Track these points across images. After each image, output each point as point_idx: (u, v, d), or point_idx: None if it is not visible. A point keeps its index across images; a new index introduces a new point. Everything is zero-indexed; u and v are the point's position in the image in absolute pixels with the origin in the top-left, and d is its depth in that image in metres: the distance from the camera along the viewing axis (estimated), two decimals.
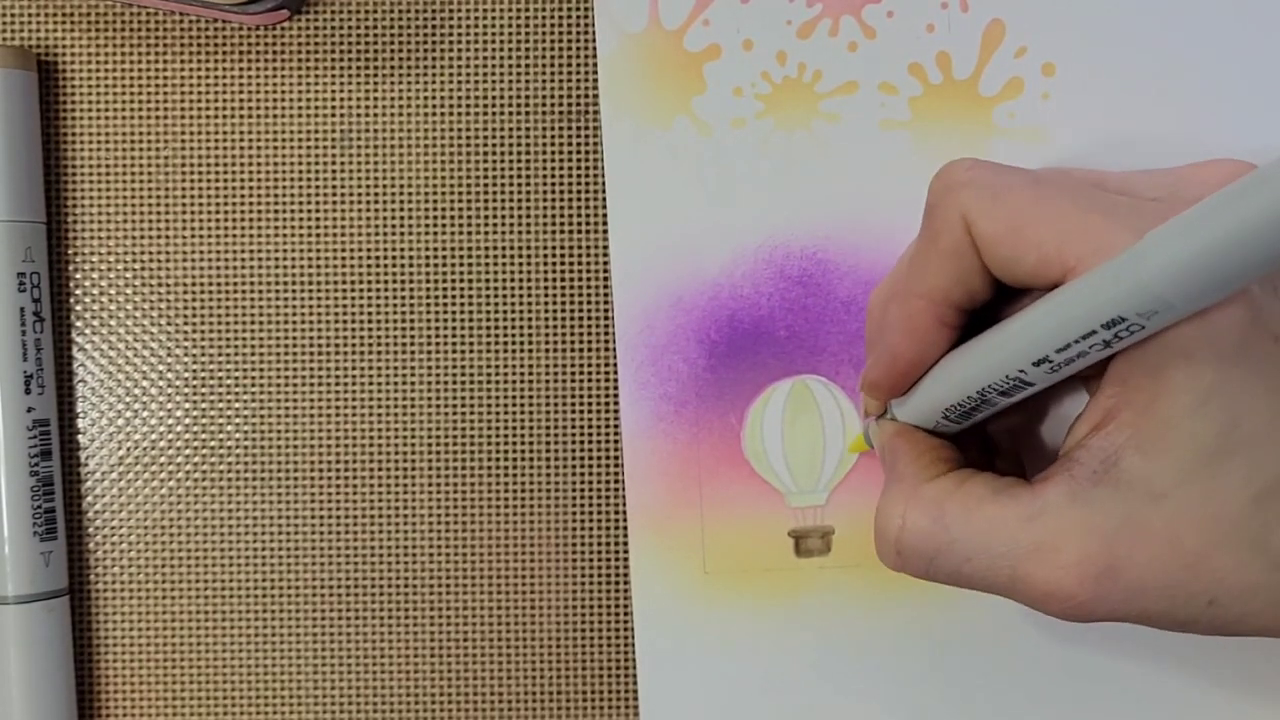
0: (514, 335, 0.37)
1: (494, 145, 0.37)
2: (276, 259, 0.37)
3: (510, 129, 0.37)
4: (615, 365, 0.37)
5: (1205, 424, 0.27)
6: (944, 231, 0.29)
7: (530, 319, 0.37)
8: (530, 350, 0.37)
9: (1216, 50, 0.37)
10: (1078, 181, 0.29)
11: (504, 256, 0.37)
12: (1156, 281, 0.24)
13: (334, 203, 0.37)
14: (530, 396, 0.37)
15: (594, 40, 0.37)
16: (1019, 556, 0.28)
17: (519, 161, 0.37)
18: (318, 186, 0.37)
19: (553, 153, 0.37)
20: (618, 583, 0.37)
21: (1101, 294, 0.25)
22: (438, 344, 0.37)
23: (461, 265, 0.37)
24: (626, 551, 0.37)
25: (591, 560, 0.37)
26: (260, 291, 0.37)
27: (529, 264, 0.37)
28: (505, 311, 0.37)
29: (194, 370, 0.37)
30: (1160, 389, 0.27)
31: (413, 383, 0.37)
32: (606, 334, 0.37)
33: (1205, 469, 0.27)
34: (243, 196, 0.37)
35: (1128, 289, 0.25)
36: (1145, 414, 0.27)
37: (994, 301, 0.31)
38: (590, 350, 0.37)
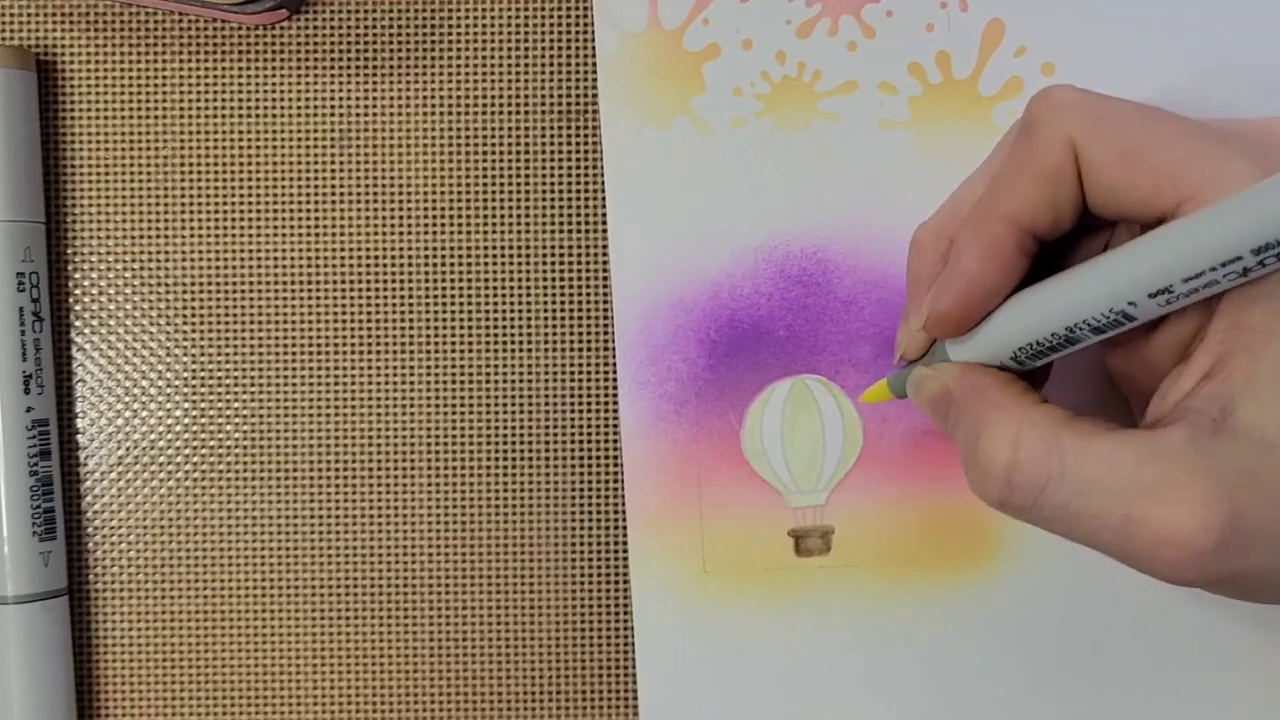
0: (514, 335, 0.37)
1: (494, 145, 0.37)
2: (276, 259, 0.37)
3: (510, 129, 0.37)
4: (615, 365, 0.37)
5: None
6: (1045, 152, 0.27)
7: (530, 319, 0.37)
8: (530, 350, 0.37)
9: (1217, 50, 0.37)
10: (1185, 117, 0.28)
11: (504, 256, 0.37)
12: None
13: (334, 203, 0.37)
14: (530, 396, 0.37)
15: (594, 40, 0.37)
16: (1137, 493, 0.26)
17: (519, 161, 0.37)
18: (317, 186, 0.37)
19: (553, 153, 0.37)
20: (618, 583, 0.37)
21: (1255, 214, 0.24)
22: (438, 344, 0.37)
23: (461, 265, 0.37)
24: (626, 551, 0.37)
25: (591, 560, 0.37)
26: (260, 291, 0.37)
27: (529, 264, 0.37)
28: (505, 311, 0.37)
29: (194, 370, 0.37)
30: (1276, 330, 0.26)
31: (413, 383, 0.37)
32: (606, 334, 0.37)
33: None
34: (242, 196, 0.37)
35: None
36: (1260, 359, 0.26)
37: (1064, 241, 0.29)
38: (590, 350, 0.37)
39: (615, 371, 0.37)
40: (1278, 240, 0.24)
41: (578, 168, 0.37)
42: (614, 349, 0.37)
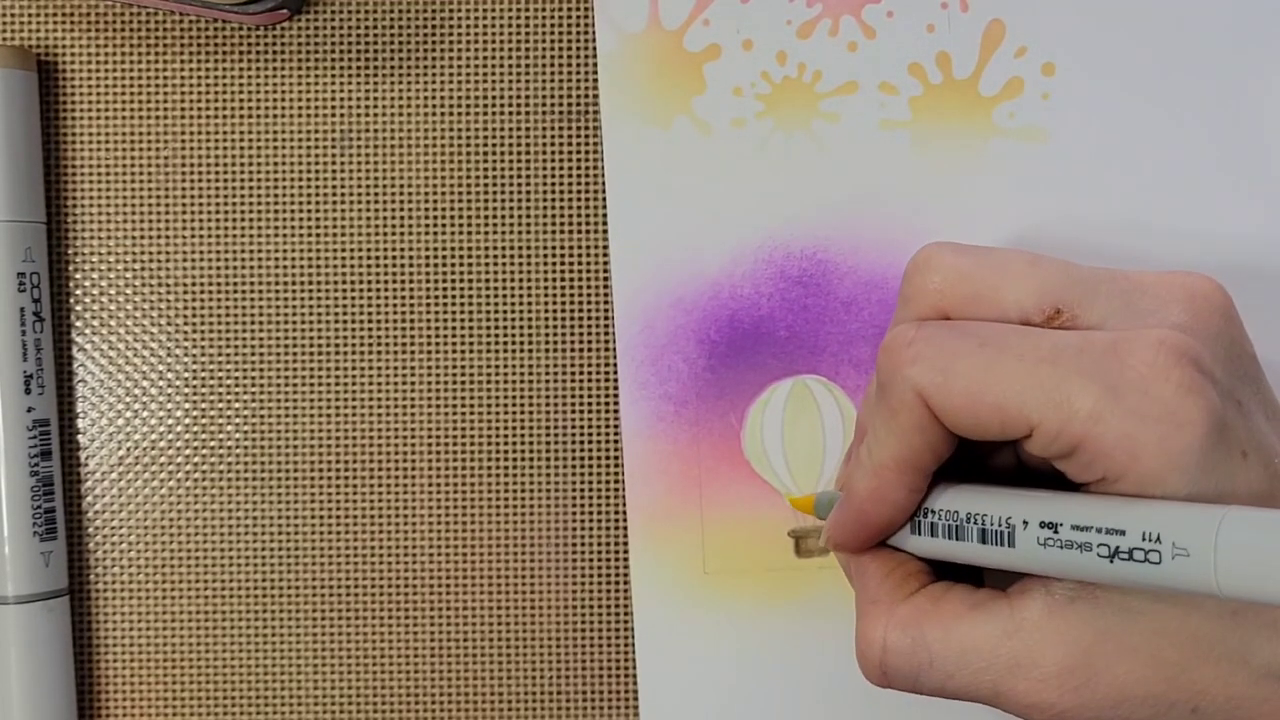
0: (514, 335, 0.37)
1: (494, 145, 0.37)
2: (276, 259, 0.37)
3: (510, 129, 0.37)
4: (615, 365, 0.37)
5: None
6: (902, 409, 0.29)
7: (530, 319, 0.37)
8: (530, 350, 0.37)
9: (1217, 50, 0.37)
10: (1026, 334, 0.29)
11: (504, 256, 0.37)
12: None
13: (334, 203, 0.37)
14: (530, 396, 0.37)
15: (594, 40, 0.37)
16: (1000, 671, 0.28)
17: (519, 161, 0.37)
18: (318, 187, 0.37)
19: (553, 153, 0.37)
20: (618, 583, 0.37)
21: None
22: (438, 344, 0.37)
23: (461, 265, 0.37)
24: (626, 551, 0.37)
25: (591, 560, 0.37)
26: (260, 291, 0.37)
27: (529, 264, 0.37)
28: (505, 311, 0.37)
29: (194, 370, 0.37)
30: None
31: (413, 383, 0.37)
32: (606, 334, 0.37)
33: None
34: (243, 196, 0.37)
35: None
36: None
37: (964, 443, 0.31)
38: (590, 350, 0.37)
39: (615, 372, 0.37)
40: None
41: (578, 168, 0.37)
42: (614, 349, 0.37)
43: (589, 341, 0.37)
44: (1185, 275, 0.29)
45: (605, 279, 0.37)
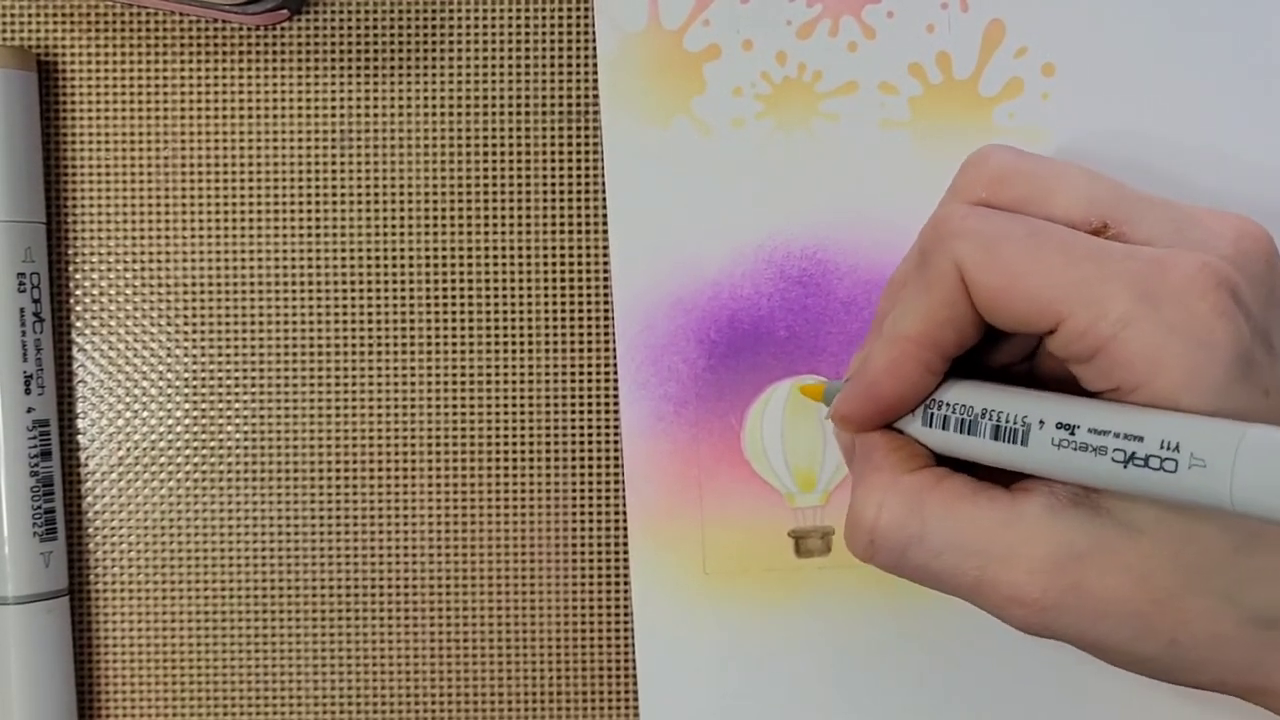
0: (514, 335, 0.37)
1: (494, 145, 0.37)
2: (276, 259, 0.37)
3: (510, 129, 0.37)
4: (615, 365, 0.37)
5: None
6: (937, 281, 0.29)
7: (530, 319, 0.37)
8: (530, 350, 0.37)
9: (1217, 50, 0.37)
10: (1072, 233, 0.29)
11: (504, 256, 0.37)
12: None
13: (334, 203, 0.37)
14: (530, 396, 0.37)
15: (594, 40, 0.37)
16: (989, 558, 0.28)
17: (519, 161, 0.37)
18: (318, 186, 0.37)
19: (553, 153, 0.37)
20: (618, 583, 0.37)
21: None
22: (438, 344, 0.37)
23: (461, 265, 0.37)
24: (626, 551, 0.37)
25: (591, 560, 0.37)
26: (260, 291, 0.37)
27: (529, 264, 0.37)
28: (505, 311, 0.37)
29: (194, 370, 0.37)
30: None
31: (413, 383, 0.37)
32: (606, 334, 0.37)
33: (1186, 518, 0.27)
34: (243, 196, 0.37)
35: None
36: None
37: (979, 345, 0.31)
38: (590, 350, 0.37)
39: (615, 372, 0.37)
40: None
41: (578, 168, 0.37)
42: (614, 349, 0.37)
43: (589, 341, 0.37)
44: (1238, 216, 0.29)
45: (605, 279, 0.37)
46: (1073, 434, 0.27)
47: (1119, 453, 0.26)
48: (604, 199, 0.37)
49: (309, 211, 0.37)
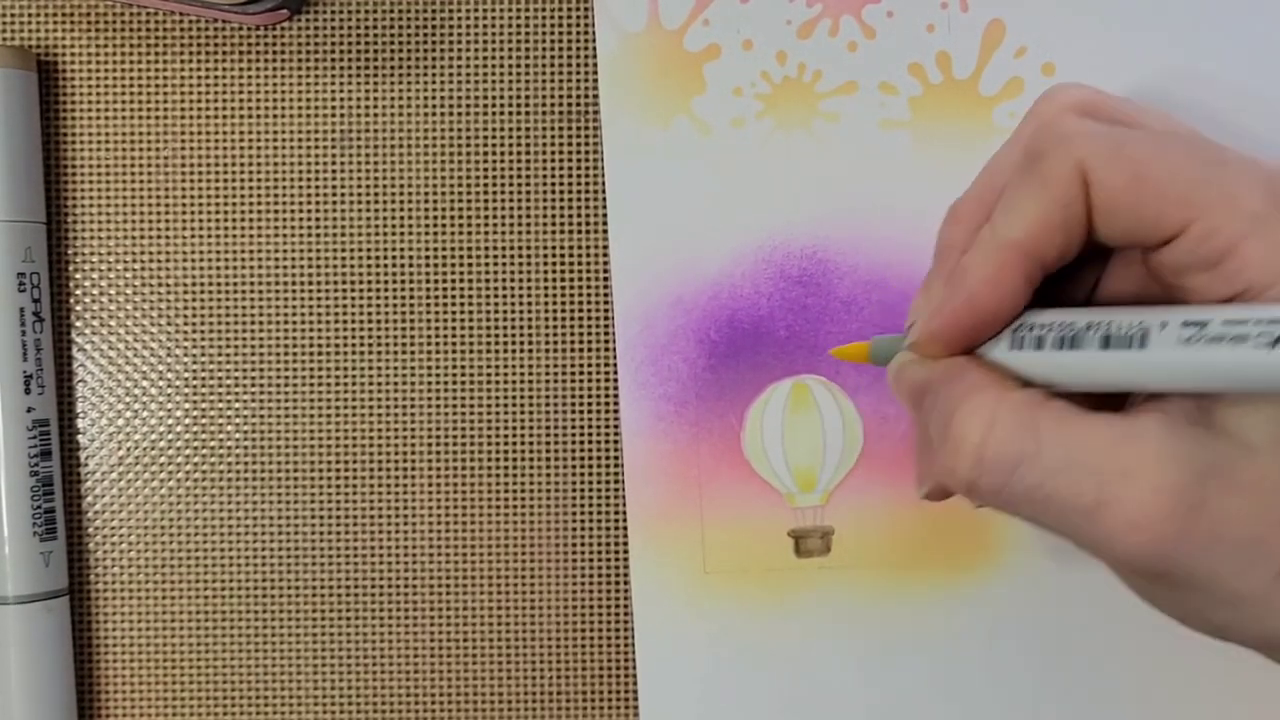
0: (514, 335, 0.37)
1: (494, 145, 0.37)
2: (276, 259, 0.37)
3: (510, 129, 0.37)
4: (615, 365, 0.37)
5: None
6: (1056, 180, 0.27)
7: (530, 319, 0.37)
8: (530, 350, 0.37)
9: (1217, 50, 0.37)
10: (1194, 138, 0.28)
11: (504, 256, 0.37)
12: None
13: (334, 203, 0.37)
14: (530, 396, 0.37)
15: (594, 40, 0.37)
16: (1110, 475, 0.26)
17: (519, 161, 0.37)
18: (318, 186, 0.37)
19: (553, 153, 0.37)
20: (618, 583, 0.37)
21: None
22: (438, 344, 0.37)
23: (461, 265, 0.37)
24: (626, 551, 0.37)
25: (591, 560, 0.37)
26: (260, 291, 0.37)
27: (529, 264, 0.37)
28: (505, 311, 0.37)
29: (194, 370, 0.37)
30: None
31: (413, 383, 0.37)
32: (606, 334, 0.37)
33: None
34: (243, 196, 0.37)
35: None
36: None
37: (1068, 269, 0.29)
38: (590, 350, 0.37)
39: (615, 372, 0.37)
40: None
41: (578, 168, 0.37)
42: (614, 349, 0.37)
43: (589, 341, 0.37)
44: None
45: (605, 279, 0.37)
46: (1203, 329, 0.25)
47: (1263, 337, 0.24)
48: (604, 199, 0.37)
49: (309, 211, 0.37)
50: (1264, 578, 0.26)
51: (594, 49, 0.37)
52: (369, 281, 0.37)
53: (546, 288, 0.37)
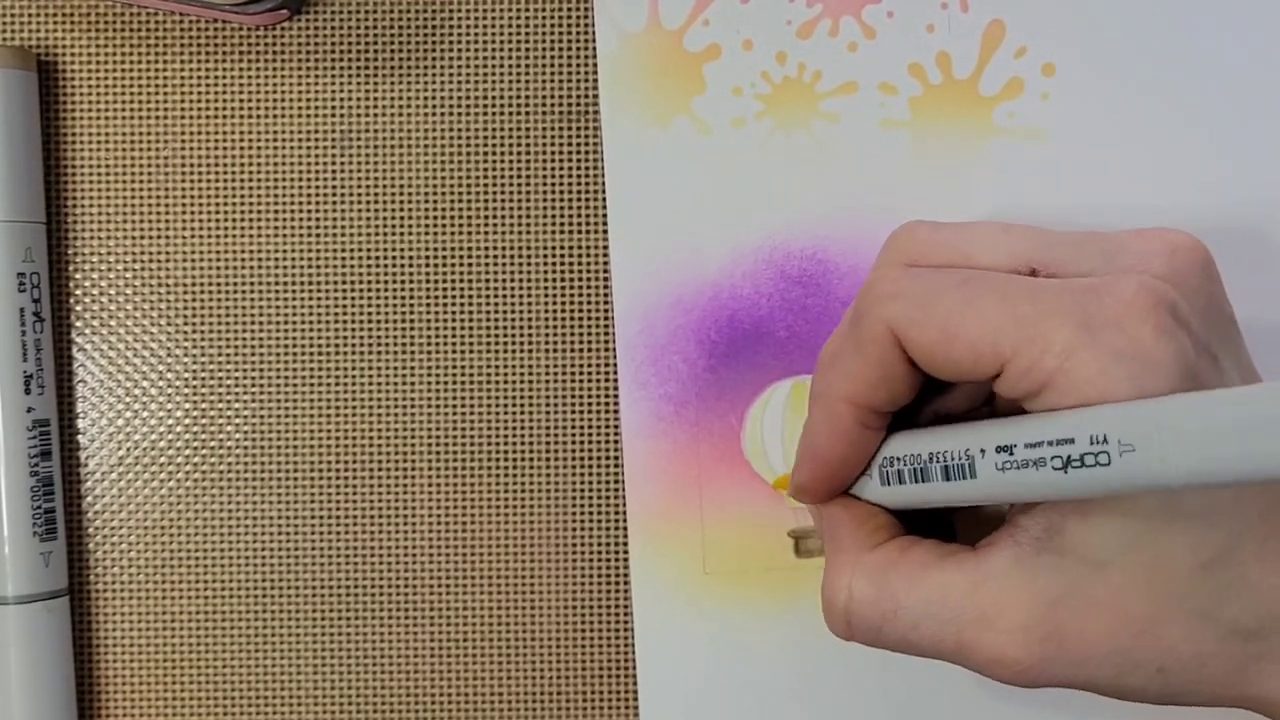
0: (514, 335, 0.37)
1: (494, 145, 0.37)
2: (276, 259, 0.37)
3: (510, 129, 0.37)
4: (615, 365, 0.37)
5: (1149, 496, 0.27)
6: (870, 342, 0.29)
7: (530, 319, 0.37)
8: (530, 350, 0.37)
9: (1217, 50, 0.37)
10: (1005, 277, 0.29)
11: (504, 256, 0.37)
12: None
13: (334, 203, 0.37)
14: (530, 396, 0.37)
15: (594, 40, 0.37)
16: (964, 623, 0.28)
17: (519, 161, 0.37)
18: (318, 186, 0.37)
19: (553, 153, 0.37)
20: (618, 583, 0.37)
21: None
22: (438, 344, 0.37)
23: (461, 265, 0.37)
24: (626, 551, 0.37)
25: (591, 560, 0.37)
26: (260, 291, 0.37)
27: (529, 264, 0.37)
28: (505, 311, 0.37)
29: (194, 370, 0.37)
30: None
31: (413, 383, 0.37)
32: (606, 334, 0.37)
33: (1149, 536, 0.27)
34: (243, 196, 0.37)
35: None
36: None
37: (922, 394, 0.31)
38: (590, 350, 0.37)
39: (615, 372, 0.37)
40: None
41: (578, 168, 0.37)
42: (614, 349, 0.37)
43: (589, 341, 0.37)
44: (1166, 231, 0.29)
45: (605, 279, 0.37)
46: (1011, 454, 0.27)
47: (1056, 460, 0.26)
48: (604, 199, 0.37)
49: (309, 211, 0.37)
50: (1145, 676, 0.28)
51: (594, 49, 0.37)
52: (369, 281, 0.37)
53: (546, 288, 0.37)
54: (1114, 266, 0.29)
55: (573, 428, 0.37)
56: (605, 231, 0.37)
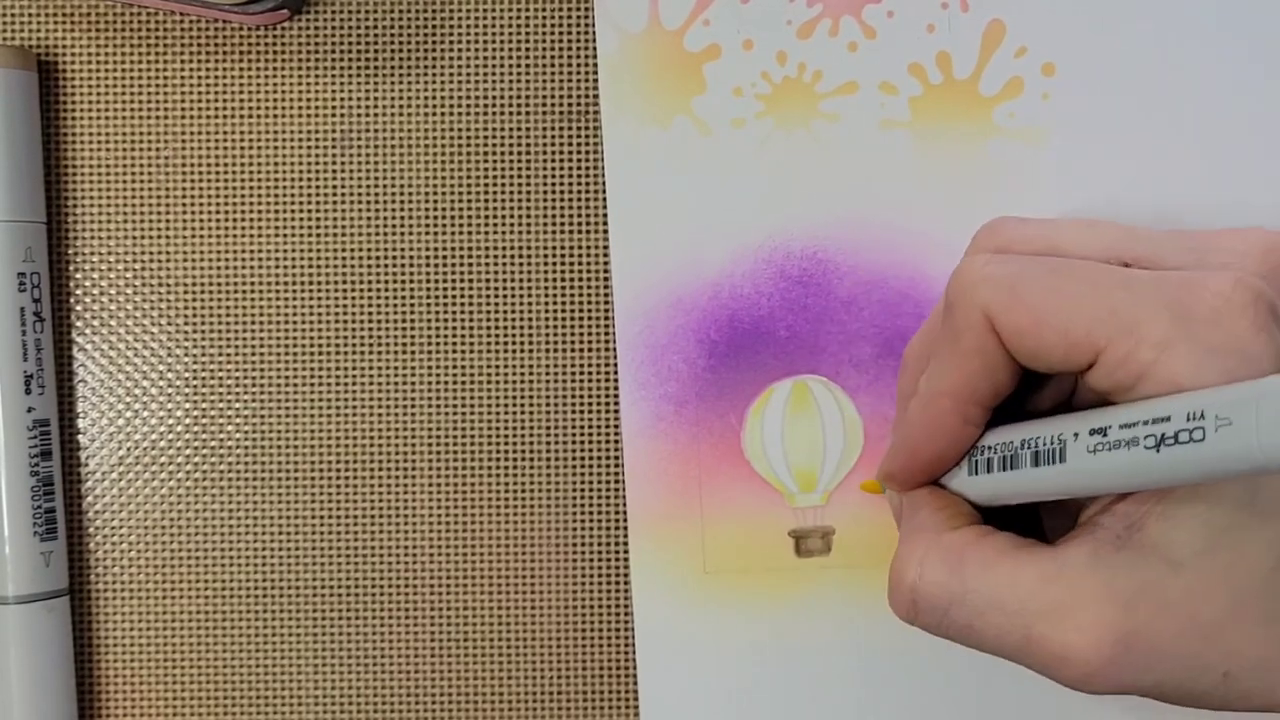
0: (514, 335, 0.37)
1: (494, 145, 0.37)
2: (276, 259, 0.37)
3: (510, 129, 0.37)
4: (615, 365, 0.37)
5: (1227, 492, 0.26)
6: (966, 330, 0.29)
7: (530, 319, 0.37)
8: (530, 350, 0.37)
9: (1216, 50, 0.37)
10: (1097, 265, 0.29)
11: (504, 256, 0.37)
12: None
13: (334, 203, 0.37)
14: (530, 396, 0.37)
15: (594, 40, 0.37)
16: (1034, 615, 0.28)
17: (519, 161, 0.37)
18: (318, 186, 0.37)
19: (553, 153, 0.37)
20: (618, 583, 0.37)
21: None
22: (438, 344, 0.37)
23: (461, 265, 0.37)
24: (626, 551, 0.37)
25: (591, 560, 0.37)
26: (260, 291, 0.37)
27: (529, 264, 0.37)
28: (505, 311, 0.37)
29: (194, 370, 0.37)
30: None
31: (413, 383, 0.37)
32: (606, 334, 0.37)
33: (1225, 537, 0.27)
34: (243, 196, 0.37)
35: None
36: None
37: (1018, 392, 0.30)
38: (590, 350, 0.37)
39: (615, 372, 0.37)
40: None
41: (578, 168, 0.37)
42: (614, 349, 0.37)
43: (589, 341, 0.37)
44: (1260, 230, 0.29)
45: (605, 279, 0.37)
46: (1105, 435, 0.27)
47: (1150, 438, 0.26)
48: (604, 199, 0.37)
49: (309, 211, 0.37)
50: (1211, 681, 0.28)
51: (594, 49, 0.37)
52: (369, 281, 0.37)
53: (546, 288, 0.37)
54: (1205, 263, 0.28)
55: (573, 428, 0.37)
56: (605, 231, 0.37)
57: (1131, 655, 0.27)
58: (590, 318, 0.37)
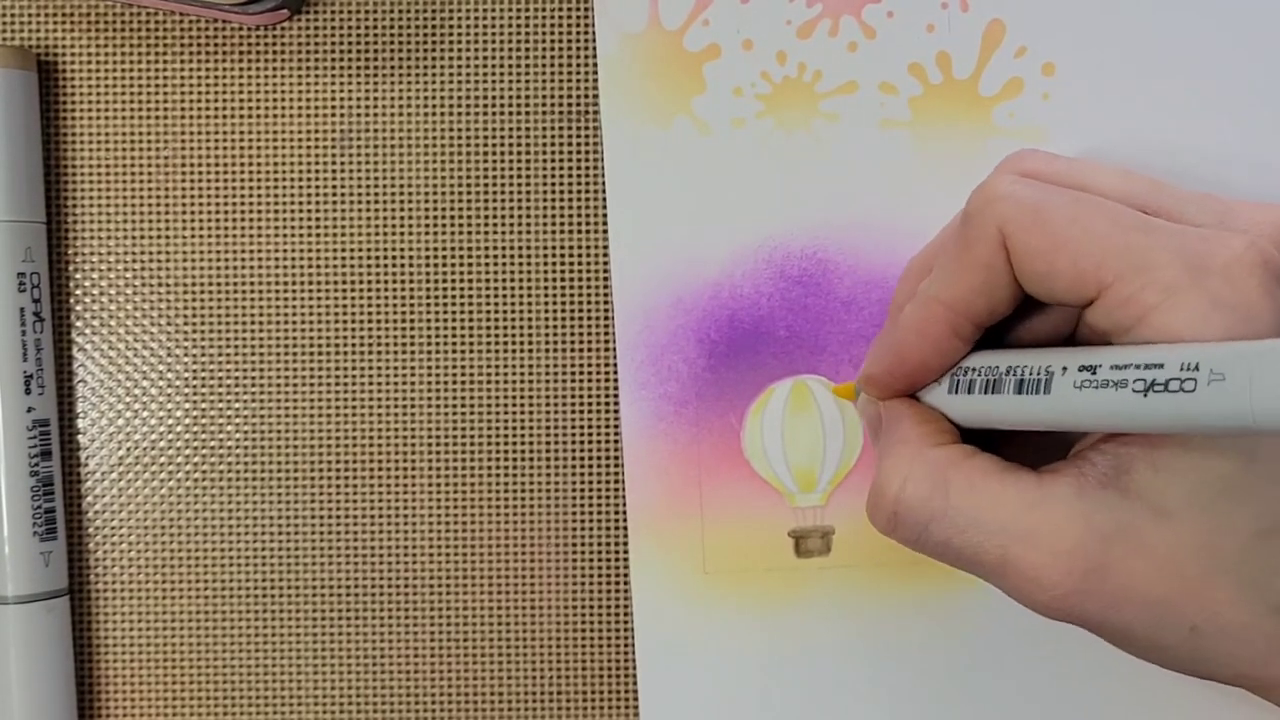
0: (514, 335, 0.37)
1: (494, 145, 0.37)
2: (276, 259, 0.37)
3: (510, 129, 0.37)
4: (615, 365, 0.37)
5: (1223, 454, 0.27)
6: (978, 241, 0.29)
7: (530, 319, 0.37)
8: (530, 350, 0.37)
9: (1217, 50, 0.37)
10: (1119, 205, 0.29)
11: (504, 256, 0.37)
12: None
13: (334, 203, 0.37)
14: (530, 396, 0.37)
15: (594, 40, 0.37)
16: (1013, 536, 0.28)
17: (519, 161, 0.37)
18: (318, 186, 0.37)
19: (553, 153, 0.37)
20: (618, 583, 0.37)
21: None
22: (438, 344, 0.37)
23: (461, 265, 0.37)
24: (626, 551, 0.37)
25: (591, 560, 0.37)
26: (260, 291, 0.37)
27: (529, 264, 0.37)
28: (505, 311, 0.37)
29: (194, 370, 0.37)
30: None
31: (413, 383, 0.37)
32: (606, 334, 0.37)
33: (1216, 499, 0.27)
34: (243, 196, 0.37)
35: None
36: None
37: (1006, 322, 0.30)
38: (590, 350, 0.37)
39: (615, 372, 0.37)
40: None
41: (578, 168, 0.37)
42: (614, 349, 0.37)
43: (589, 341, 0.37)
44: (1275, 206, 0.29)
45: (605, 279, 0.37)
46: (1094, 373, 0.27)
47: (1139, 382, 0.26)
48: (604, 199, 0.37)
49: (309, 211, 0.37)
50: (1178, 633, 0.28)
51: (594, 49, 0.37)
52: (369, 281, 0.37)
53: (546, 288, 0.37)
54: (1226, 226, 0.29)
55: (573, 428, 0.37)
56: (605, 231, 0.37)
57: (1103, 587, 0.27)
58: (590, 318, 0.37)
